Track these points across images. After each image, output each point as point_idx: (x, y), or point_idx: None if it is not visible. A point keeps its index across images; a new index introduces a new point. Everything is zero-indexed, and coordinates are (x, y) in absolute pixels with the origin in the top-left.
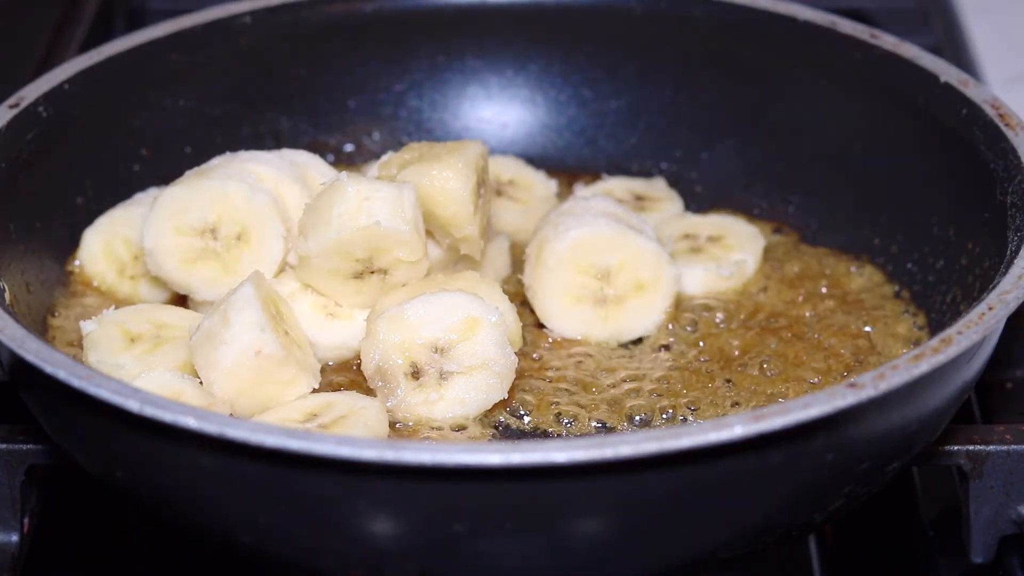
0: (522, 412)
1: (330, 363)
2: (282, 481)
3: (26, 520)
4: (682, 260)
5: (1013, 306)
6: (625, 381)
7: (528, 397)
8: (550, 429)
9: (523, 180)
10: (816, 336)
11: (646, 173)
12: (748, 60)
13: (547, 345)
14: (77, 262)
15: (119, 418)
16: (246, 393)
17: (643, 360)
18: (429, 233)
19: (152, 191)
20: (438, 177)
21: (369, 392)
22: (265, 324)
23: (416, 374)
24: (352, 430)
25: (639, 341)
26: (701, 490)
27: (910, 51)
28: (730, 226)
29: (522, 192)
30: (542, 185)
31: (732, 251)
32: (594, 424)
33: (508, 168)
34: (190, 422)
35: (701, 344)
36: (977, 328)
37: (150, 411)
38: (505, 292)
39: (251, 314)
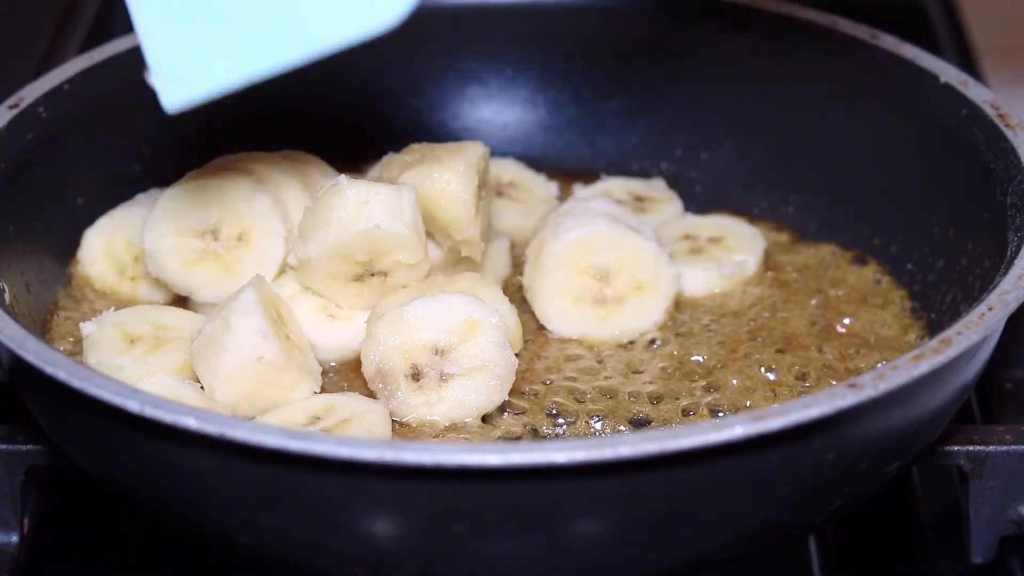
0: (522, 413)
1: (332, 364)
2: (282, 481)
3: (26, 520)
4: (682, 260)
5: (1013, 306)
6: (625, 381)
7: (528, 398)
8: (549, 430)
9: (523, 181)
10: (816, 336)
11: (646, 173)
12: (748, 60)
13: (547, 346)
14: (78, 263)
15: (119, 419)
16: (247, 398)
17: (643, 360)
18: (429, 235)
19: (153, 192)
20: (439, 180)
21: (371, 393)
22: (267, 330)
23: (416, 376)
24: (355, 434)
25: (639, 341)
26: (701, 490)
27: (910, 51)
28: (730, 227)
29: (522, 193)
30: (542, 186)
31: (732, 252)
32: (593, 424)
33: (508, 169)
34: (190, 422)
35: (701, 344)
36: (977, 329)
37: (150, 412)
38: (505, 293)
39: (253, 320)
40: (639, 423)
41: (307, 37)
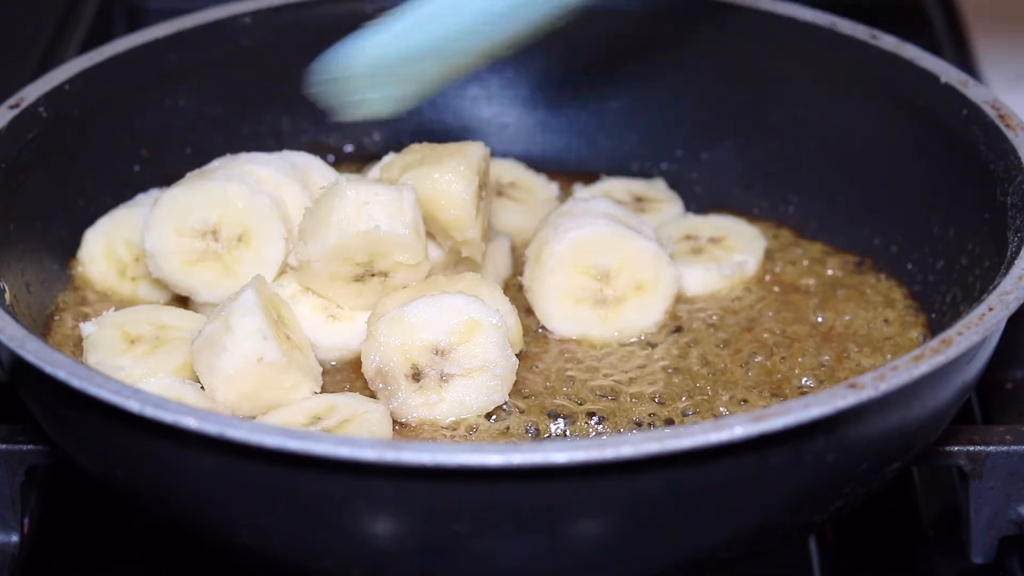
0: (522, 413)
1: (332, 364)
2: (282, 481)
3: (26, 520)
4: (683, 261)
5: (1013, 307)
6: (625, 382)
7: (528, 398)
8: (550, 430)
9: (524, 181)
10: (816, 336)
11: (646, 173)
12: (748, 60)
13: (547, 346)
14: (78, 263)
15: (119, 418)
16: (248, 398)
17: (643, 361)
18: (430, 235)
19: (154, 192)
20: (440, 180)
21: (371, 393)
22: (267, 331)
23: (417, 376)
24: (356, 434)
25: (639, 342)
26: (701, 490)
27: (910, 51)
28: (731, 227)
29: (523, 193)
30: (543, 186)
31: (733, 252)
32: (594, 425)
33: (509, 169)
34: (190, 422)
35: (701, 345)
36: (977, 329)
37: (150, 411)
38: (505, 293)
39: (253, 321)
40: (640, 423)
41: None
